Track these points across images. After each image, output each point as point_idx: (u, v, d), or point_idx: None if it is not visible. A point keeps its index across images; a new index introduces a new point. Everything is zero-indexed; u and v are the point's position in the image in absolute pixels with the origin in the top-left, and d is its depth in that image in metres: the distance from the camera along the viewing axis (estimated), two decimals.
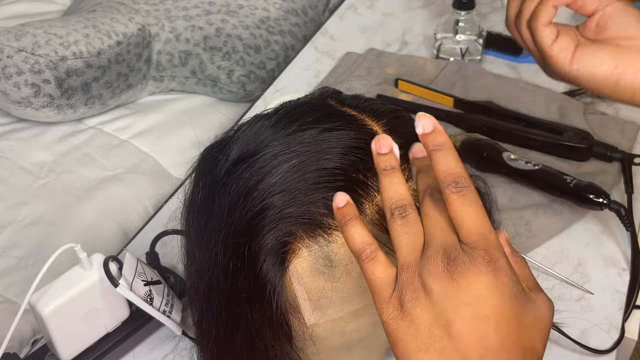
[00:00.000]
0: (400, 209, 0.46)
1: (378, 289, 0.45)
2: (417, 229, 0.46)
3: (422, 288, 0.44)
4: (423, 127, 0.47)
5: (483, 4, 1.26)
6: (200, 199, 0.58)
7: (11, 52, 1.05)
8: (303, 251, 0.52)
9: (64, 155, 1.10)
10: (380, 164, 0.48)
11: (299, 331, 0.54)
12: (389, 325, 0.45)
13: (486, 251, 0.43)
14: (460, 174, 0.44)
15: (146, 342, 0.78)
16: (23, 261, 0.96)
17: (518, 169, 0.90)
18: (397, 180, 0.47)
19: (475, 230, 0.43)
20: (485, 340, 0.43)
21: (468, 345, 0.43)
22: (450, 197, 0.44)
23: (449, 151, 0.45)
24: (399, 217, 0.46)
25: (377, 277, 0.45)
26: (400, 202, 0.46)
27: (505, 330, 0.43)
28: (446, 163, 0.45)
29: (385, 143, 0.48)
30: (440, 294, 0.43)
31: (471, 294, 0.43)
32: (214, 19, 1.18)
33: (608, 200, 0.84)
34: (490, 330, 0.43)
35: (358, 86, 1.08)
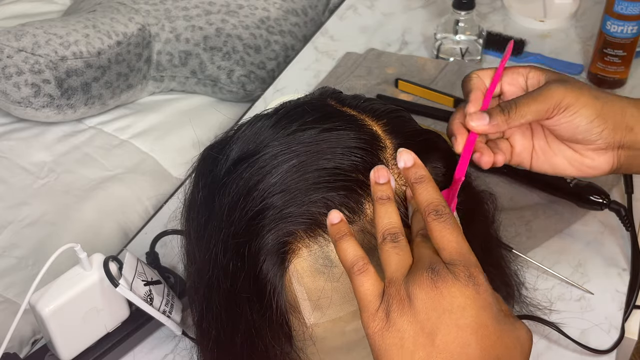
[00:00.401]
0: (393, 235, 0.49)
1: (367, 301, 0.47)
2: (406, 251, 0.49)
3: (408, 298, 0.46)
4: (405, 162, 0.51)
5: (483, 4, 1.26)
6: (200, 199, 0.58)
7: (11, 52, 1.05)
8: (303, 251, 0.52)
9: (64, 155, 1.10)
10: (377, 193, 0.51)
11: (299, 331, 0.54)
12: (374, 339, 0.47)
13: (466, 267, 0.46)
14: (440, 203, 0.49)
15: (146, 342, 0.78)
16: (23, 261, 0.96)
17: (518, 169, 0.90)
18: (391, 210, 0.50)
19: (455, 251, 0.47)
20: (467, 348, 0.45)
21: (451, 353, 0.45)
22: (432, 223, 0.48)
23: (428, 183, 0.50)
24: (390, 241, 0.49)
25: (367, 289, 0.48)
26: (393, 230, 0.49)
27: (486, 341, 0.45)
28: (426, 194, 0.49)
29: (383, 174, 0.51)
30: (425, 303, 0.45)
31: (454, 303, 0.45)
32: (214, 19, 1.18)
33: (608, 200, 0.84)
34: (472, 340, 0.45)
35: (358, 86, 1.08)
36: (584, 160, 0.64)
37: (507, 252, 0.77)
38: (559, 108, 0.60)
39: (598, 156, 0.63)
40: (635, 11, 0.99)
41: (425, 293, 0.45)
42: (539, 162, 0.66)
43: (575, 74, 1.10)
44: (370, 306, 0.47)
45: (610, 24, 1.01)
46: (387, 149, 0.55)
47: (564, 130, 0.62)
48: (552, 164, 0.65)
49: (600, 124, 0.61)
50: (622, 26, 1.00)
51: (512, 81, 0.64)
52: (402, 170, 0.51)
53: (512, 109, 0.60)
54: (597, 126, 0.61)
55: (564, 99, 0.60)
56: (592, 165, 0.64)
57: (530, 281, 0.78)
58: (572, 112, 0.60)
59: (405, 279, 0.47)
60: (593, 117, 0.61)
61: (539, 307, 0.75)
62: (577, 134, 0.62)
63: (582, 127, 0.61)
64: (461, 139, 0.60)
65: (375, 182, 0.51)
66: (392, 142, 0.56)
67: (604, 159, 0.64)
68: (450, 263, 0.46)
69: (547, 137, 0.65)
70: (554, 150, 0.65)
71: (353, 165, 0.53)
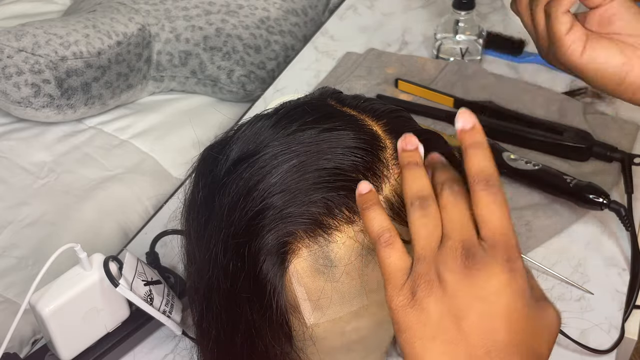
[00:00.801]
0: (421, 199, 0.46)
1: (392, 275, 0.46)
2: (436, 222, 0.46)
3: (437, 279, 0.44)
4: (463, 123, 0.47)
5: (483, 4, 1.26)
6: (200, 199, 0.58)
7: (11, 52, 1.05)
8: (303, 251, 0.52)
9: (64, 155, 1.10)
10: (405, 158, 0.49)
11: (299, 331, 0.54)
12: (397, 313, 0.45)
13: (506, 251, 0.44)
14: (493, 174, 0.45)
15: (146, 342, 0.78)
16: (23, 261, 0.96)
17: (518, 169, 0.90)
18: (421, 174, 0.48)
19: (499, 230, 0.44)
20: (494, 335, 0.43)
21: (476, 339, 0.43)
22: (480, 193, 0.45)
23: (485, 151, 0.46)
24: (419, 208, 0.46)
25: (393, 262, 0.46)
26: (421, 193, 0.47)
27: (515, 329, 0.44)
28: (481, 161, 0.46)
29: (412, 141, 0.49)
30: (455, 287, 0.44)
31: (486, 289, 0.43)
32: (214, 19, 1.18)
33: (608, 200, 0.84)
34: (501, 327, 0.43)
35: (358, 86, 1.08)
36: (635, 51, 0.65)
37: None
38: None
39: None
40: None
41: (458, 279, 0.43)
42: (593, 46, 0.65)
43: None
44: (395, 280, 0.45)
45: None
46: (387, 149, 0.55)
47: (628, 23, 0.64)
48: (605, 50, 0.65)
49: None
50: None
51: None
52: (459, 132, 0.47)
53: None
54: None
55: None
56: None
57: None
58: None
59: (436, 257, 0.44)
60: None
61: None
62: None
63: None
64: None
65: (402, 149, 0.49)
66: (392, 142, 0.56)
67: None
68: (490, 243, 0.44)
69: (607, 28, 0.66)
70: (607, 37, 0.65)
71: (353, 165, 0.53)
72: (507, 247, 0.44)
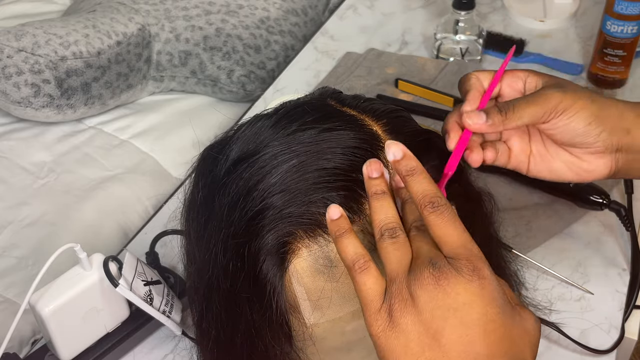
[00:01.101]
0: (390, 230, 0.48)
1: (369, 300, 0.47)
2: (405, 248, 0.48)
3: (410, 297, 0.45)
4: (393, 154, 0.50)
5: (483, 4, 1.26)
6: (200, 199, 0.58)
7: (11, 52, 1.05)
8: (303, 251, 0.52)
9: (64, 155, 1.10)
10: (372, 188, 0.50)
11: (299, 331, 0.54)
12: (378, 339, 0.46)
13: (469, 260, 0.45)
14: (435, 194, 0.47)
15: (146, 342, 0.78)
16: (23, 261, 0.96)
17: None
18: (387, 204, 0.49)
19: (457, 244, 0.46)
20: (473, 347, 0.44)
21: (457, 354, 0.44)
22: (429, 217, 0.47)
23: (420, 175, 0.48)
24: (388, 237, 0.48)
25: (369, 288, 0.47)
26: (390, 225, 0.48)
27: (492, 338, 0.44)
28: (420, 186, 0.48)
29: (376, 167, 0.50)
30: (427, 302, 0.44)
31: (458, 300, 0.44)
32: (214, 19, 1.18)
33: (608, 200, 0.84)
34: (479, 338, 0.44)
35: (358, 86, 1.08)
36: (582, 164, 0.64)
37: (507, 252, 0.77)
38: (555, 111, 0.60)
39: (596, 159, 0.63)
40: (635, 11, 0.99)
41: (428, 292, 0.44)
42: (537, 166, 0.65)
43: (575, 74, 1.10)
44: (372, 305, 0.46)
45: (610, 24, 1.01)
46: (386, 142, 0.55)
47: (562, 133, 0.61)
48: (550, 168, 0.65)
49: (598, 126, 0.61)
50: (622, 26, 1.00)
51: (511, 84, 0.64)
52: (392, 163, 0.50)
53: (509, 110, 0.60)
54: (595, 128, 0.61)
55: (561, 102, 0.60)
56: (590, 169, 0.64)
57: (530, 281, 0.78)
58: (568, 115, 0.60)
59: (407, 277, 0.46)
60: (590, 120, 0.60)
61: (539, 307, 0.75)
62: (574, 137, 0.61)
63: (579, 130, 0.61)
64: (454, 136, 0.60)
65: (368, 176, 0.50)
66: None
67: (602, 163, 0.63)
68: (453, 257, 0.45)
69: (545, 141, 0.64)
70: (551, 155, 0.64)
71: (353, 165, 0.53)
72: (470, 257, 0.45)
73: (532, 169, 0.65)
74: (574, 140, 0.62)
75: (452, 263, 0.45)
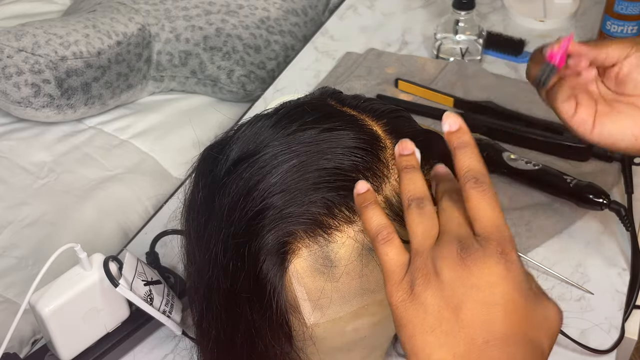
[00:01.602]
0: (418, 200, 0.47)
1: (390, 271, 0.46)
2: (432, 220, 0.47)
3: (434, 272, 0.45)
4: (450, 125, 0.49)
5: (483, 4, 1.26)
6: (200, 199, 0.58)
7: (11, 52, 1.05)
8: (303, 251, 0.52)
9: (64, 155, 1.10)
10: (403, 162, 0.50)
11: (299, 331, 0.54)
12: (397, 308, 0.45)
13: (499, 243, 0.44)
14: (481, 172, 0.46)
15: (146, 342, 0.78)
16: (23, 261, 0.96)
17: (518, 169, 0.90)
18: (418, 177, 0.49)
19: (490, 223, 0.45)
20: (492, 325, 0.43)
21: (474, 329, 0.43)
22: (470, 191, 0.46)
23: (472, 149, 0.47)
24: (415, 207, 0.47)
25: (391, 258, 0.46)
26: (418, 194, 0.48)
27: (512, 319, 0.44)
28: (468, 160, 0.47)
29: (409, 146, 0.50)
30: (451, 279, 0.44)
31: (483, 280, 0.44)
32: (214, 19, 1.18)
33: (608, 200, 0.84)
34: (498, 317, 0.43)
35: (358, 86, 1.08)
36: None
37: None
38: (638, 45, 0.62)
39: None
40: (635, 11, 0.99)
41: (453, 270, 0.44)
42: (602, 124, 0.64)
43: None
44: (394, 276, 0.46)
45: (610, 24, 1.01)
46: (387, 149, 0.55)
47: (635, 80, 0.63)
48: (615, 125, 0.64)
49: None
50: (622, 26, 1.00)
51: None
52: (446, 134, 0.49)
53: (597, 43, 0.62)
54: None
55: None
56: None
57: None
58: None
59: (432, 252, 0.45)
60: None
61: None
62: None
63: None
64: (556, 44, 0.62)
65: (399, 153, 0.50)
66: (392, 142, 0.56)
67: None
68: (483, 236, 0.45)
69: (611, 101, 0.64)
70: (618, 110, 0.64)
71: (353, 165, 0.53)
72: (501, 240, 0.44)
73: (597, 127, 0.64)
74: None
75: (481, 243, 0.44)
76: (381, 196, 0.53)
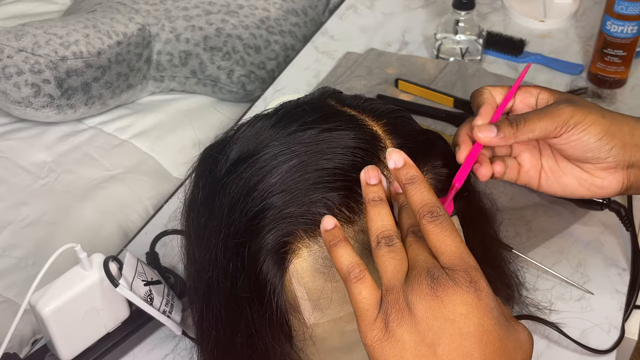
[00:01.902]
0: (387, 238, 0.48)
1: (364, 310, 0.46)
2: (402, 256, 0.47)
3: (407, 307, 0.45)
4: (394, 162, 0.50)
5: (483, 4, 1.26)
6: (200, 199, 0.58)
7: (11, 52, 1.05)
8: (303, 251, 0.52)
9: (64, 155, 1.10)
10: (369, 194, 0.50)
11: (299, 331, 0.54)
12: (373, 349, 0.45)
13: (467, 272, 0.45)
14: (434, 204, 0.47)
15: (146, 342, 0.78)
16: (23, 261, 0.96)
17: None
18: (385, 212, 0.49)
19: (454, 254, 0.46)
20: (470, 357, 0.44)
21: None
22: (427, 226, 0.47)
23: (421, 184, 0.48)
24: (385, 245, 0.48)
25: (364, 297, 0.47)
26: (387, 232, 0.48)
27: (489, 348, 0.44)
28: (420, 195, 0.48)
29: (374, 174, 0.50)
30: (425, 312, 0.44)
31: (455, 311, 0.44)
32: (214, 19, 1.18)
33: (608, 200, 0.84)
34: (474, 348, 0.44)
35: (358, 86, 1.08)
36: (594, 180, 0.64)
37: (507, 252, 0.77)
38: (567, 125, 0.60)
39: (608, 175, 0.63)
40: (635, 11, 0.99)
41: (426, 302, 0.44)
42: (549, 182, 0.65)
43: (575, 74, 1.10)
44: (367, 315, 0.46)
45: (610, 24, 1.01)
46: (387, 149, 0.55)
47: (573, 148, 0.62)
48: (561, 184, 0.65)
49: (609, 141, 0.61)
50: (622, 26, 1.00)
51: (523, 100, 0.64)
52: (392, 171, 0.50)
53: (520, 123, 0.60)
54: (606, 143, 0.61)
55: (573, 116, 0.60)
56: (602, 185, 0.64)
57: (530, 281, 0.78)
58: (580, 129, 0.60)
59: (404, 286, 0.46)
60: (601, 135, 0.61)
61: (539, 307, 0.75)
62: (586, 152, 0.61)
63: (590, 144, 0.61)
64: (465, 149, 0.60)
65: (365, 182, 0.50)
66: (392, 142, 0.56)
67: (614, 178, 0.63)
68: (450, 268, 0.45)
69: (556, 157, 0.65)
70: (563, 170, 0.65)
71: (353, 165, 0.53)
72: (467, 269, 0.45)
73: (543, 184, 0.66)
74: (585, 155, 0.62)
75: (449, 274, 0.45)
76: None
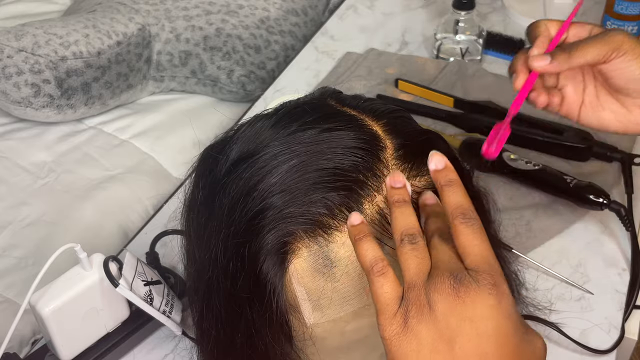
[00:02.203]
0: (411, 236, 0.48)
1: (385, 304, 0.47)
2: (425, 255, 0.48)
3: (428, 305, 0.45)
4: (435, 164, 0.51)
5: (483, 4, 1.26)
6: (200, 199, 0.58)
7: (11, 52, 1.05)
8: (303, 251, 0.52)
9: (64, 155, 1.10)
10: (394, 196, 0.50)
11: (299, 331, 0.54)
12: (391, 342, 0.46)
13: (491, 275, 0.45)
14: (468, 208, 0.48)
15: (146, 342, 0.78)
16: (23, 261, 0.96)
17: (518, 169, 0.90)
18: (408, 212, 0.50)
19: (481, 257, 0.46)
20: (486, 357, 0.44)
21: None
22: (459, 227, 0.47)
23: (458, 187, 0.49)
24: (408, 243, 0.48)
25: (386, 291, 0.47)
26: (411, 230, 0.49)
27: (505, 351, 0.44)
28: (455, 197, 0.49)
29: (399, 179, 0.51)
30: (445, 311, 0.45)
31: (476, 312, 0.44)
32: (214, 19, 1.18)
33: (608, 200, 0.84)
34: (492, 350, 0.44)
35: (358, 86, 1.08)
36: (630, 116, 0.66)
37: (507, 252, 0.77)
38: (618, 51, 0.63)
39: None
40: (635, 11, 0.99)
41: (447, 301, 0.45)
42: (587, 115, 0.69)
43: None
44: (388, 309, 0.46)
45: (610, 24, 1.01)
46: (387, 149, 0.55)
47: (619, 77, 0.65)
48: (599, 117, 0.68)
49: None
50: (622, 26, 1.00)
51: (577, 34, 0.68)
52: (432, 172, 0.51)
53: (573, 49, 0.64)
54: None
55: (624, 43, 0.63)
56: (638, 121, 0.67)
57: (530, 281, 0.78)
58: (629, 57, 0.63)
59: (426, 285, 0.46)
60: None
61: (539, 307, 0.75)
62: (629, 82, 0.64)
63: (636, 75, 0.64)
64: (522, 77, 0.64)
65: (391, 186, 0.51)
66: (392, 142, 0.56)
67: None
68: (475, 270, 0.45)
69: (598, 90, 0.68)
70: (602, 105, 0.68)
71: (353, 165, 0.53)
72: (492, 273, 0.45)
73: (582, 116, 0.69)
74: (628, 86, 0.65)
75: (473, 275, 0.45)
76: (381, 196, 0.53)
